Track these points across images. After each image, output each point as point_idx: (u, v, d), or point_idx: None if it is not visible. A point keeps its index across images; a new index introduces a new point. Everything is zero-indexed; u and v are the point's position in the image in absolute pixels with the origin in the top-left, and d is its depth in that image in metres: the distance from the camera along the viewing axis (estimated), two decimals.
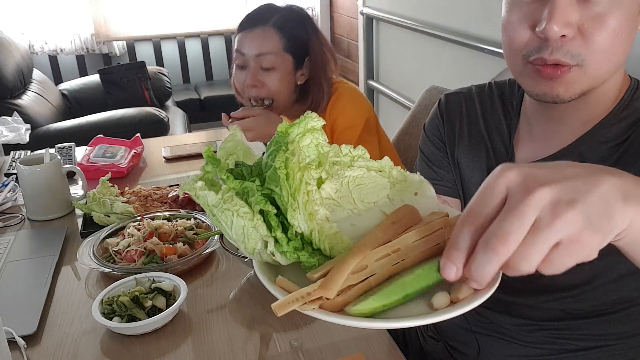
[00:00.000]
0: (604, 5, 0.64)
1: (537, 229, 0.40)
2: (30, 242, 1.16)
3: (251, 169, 0.59)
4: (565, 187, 0.40)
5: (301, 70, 1.41)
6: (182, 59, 4.39)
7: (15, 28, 3.69)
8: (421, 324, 0.48)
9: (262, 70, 1.36)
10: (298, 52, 1.39)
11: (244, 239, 0.54)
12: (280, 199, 0.54)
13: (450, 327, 0.96)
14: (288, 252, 0.53)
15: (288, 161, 0.53)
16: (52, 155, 1.28)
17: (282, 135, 0.57)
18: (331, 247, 0.55)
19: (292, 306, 0.48)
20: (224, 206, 0.53)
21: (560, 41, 0.65)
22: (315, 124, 0.57)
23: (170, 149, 1.72)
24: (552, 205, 0.40)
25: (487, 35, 2.13)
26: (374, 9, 3.12)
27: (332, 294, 0.48)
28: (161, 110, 3.08)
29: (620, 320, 0.78)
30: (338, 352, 0.80)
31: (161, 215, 1.14)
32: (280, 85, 1.38)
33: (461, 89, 0.96)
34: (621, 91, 0.76)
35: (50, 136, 2.74)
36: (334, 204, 0.60)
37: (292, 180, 0.54)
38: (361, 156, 0.61)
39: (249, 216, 0.53)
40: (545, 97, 0.70)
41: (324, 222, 0.55)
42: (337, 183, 0.59)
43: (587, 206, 0.40)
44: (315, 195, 0.55)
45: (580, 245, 0.40)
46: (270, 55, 1.35)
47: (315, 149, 0.58)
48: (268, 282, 0.53)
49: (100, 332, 0.86)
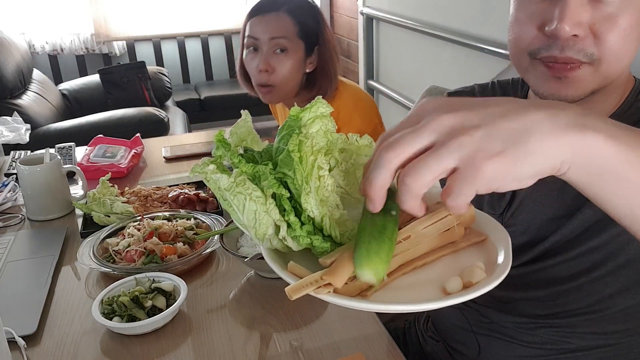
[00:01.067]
0: (616, 5, 0.64)
1: (432, 149, 0.40)
2: (30, 242, 1.16)
3: (261, 154, 0.58)
4: (475, 114, 0.40)
5: (310, 58, 1.43)
6: (182, 59, 4.39)
7: (15, 28, 3.69)
8: (435, 308, 0.48)
9: (275, 54, 1.37)
10: (309, 39, 1.41)
11: (255, 223, 0.53)
12: (293, 182, 0.53)
13: (450, 327, 0.96)
14: (301, 237, 0.53)
15: (302, 144, 0.52)
16: (52, 155, 1.28)
17: (294, 119, 0.56)
18: (342, 234, 0.55)
19: (306, 290, 0.47)
20: (237, 189, 0.53)
21: (572, 40, 0.65)
22: (325, 111, 0.57)
23: (170, 149, 1.72)
24: (452, 129, 0.40)
25: (487, 35, 2.13)
26: (374, 9, 3.12)
27: (339, 283, 0.48)
28: (161, 110, 3.08)
29: (620, 318, 0.78)
30: (338, 352, 0.80)
31: (161, 215, 1.14)
32: (290, 70, 1.38)
33: (464, 88, 0.96)
34: (625, 91, 0.76)
35: (50, 136, 2.74)
36: (342, 192, 0.60)
37: (306, 164, 0.53)
38: (368, 145, 0.61)
39: (261, 200, 0.53)
40: (553, 97, 0.70)
41: (334, 208, 0.55)
42: (345, 171, 0.59)
43: (491, 131, 0.39)
44: (328, 181, 0.54)
45: (476, 170, 0.39)
46: (283, 39, 1.36)
47: (324, 135, 0.57)
48: (279, 268, 0.52)
49: (100, 332, 0.86)
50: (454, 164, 0.39)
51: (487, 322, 0.88)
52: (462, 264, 0.54)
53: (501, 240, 0.56)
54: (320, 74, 1.43)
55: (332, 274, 0.48)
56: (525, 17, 0.70)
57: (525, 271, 0.81)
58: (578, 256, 0.76)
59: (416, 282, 0.52)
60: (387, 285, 0.52)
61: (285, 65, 1.37)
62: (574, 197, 0.75)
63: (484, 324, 0.89)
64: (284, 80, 1.39)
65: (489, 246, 0.57)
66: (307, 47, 1.41)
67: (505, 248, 0.54)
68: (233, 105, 3.92)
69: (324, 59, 1.43)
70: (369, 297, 0.49)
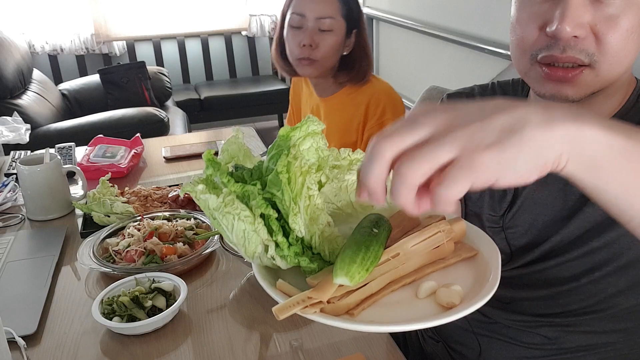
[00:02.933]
0: (617, 6, 0.64)
1: (428, 141, 0.40)
2: (30, 242, 1.16)
3: (251, 172, 0.59)
4: (470, 112, 0.41)
5: (348, 40, 1.49)
6: (182, 59, 4.39)
7: (15, 28, 3.69)
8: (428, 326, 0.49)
9: (320, 32, 1.44)
10: (351, 21, 1.48)
11: (245, 242, 0.54)
12: (281, 203, 0.54)
13: (450, 327, 0.96)
14: (289, 257, 0.53)
15: (290, 165, 0.53)
16: (52, 155, 1.28)
17: (283, 139, 0.56)
18: (331, 252, 0.55)
19: (293, 310, 0.48)
20: (225, 209, 0.53)
21: (573, 40, 0.65)
22: (316, 128, 0.57)
23: (170, 149, 1.72)
24: (448, 123, 0.40)
25: (487, 35, 2.13)
26: (374, 9, 3.12)
27: (325, 297, 0.48)
28: (161, 110, 3.08)
29: (621, 317, 0.78)
30: (338, 352, 0.80)
31: (161, 215, 1.14)
32: (332, 48, 1.46)
33: (463, 89, 0.95)
34: (627, 92, 0.76)
35: (50, 136, 2.74)
36: (334, 209, 0.60)
37: (294, 185, 0.53)
38: (359, 160, 0.61)
39: (249, 220, 0.53)
40: (553, 98, 0.70)
41: (325, 226, 0.55)
42: (336, 187, 0.60)
43: (485, 125, 0.39)
44: (317, 200, 0.55)
45: (471, 162, 0.38)
46: (329, 19, 1.43)
47: (315, 152, 0.58)
48: (268, 285, 0.53)
49: (100, 332, 0.86)
50: (451, 155, 0.39)
51: (488, 323, 0.88)
52: (451, 280, 0.54)
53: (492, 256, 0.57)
54: (358, 56, 1.50)
55: (318, 290, 0.49)
56: (526, 18, 0.70)
57: (527, 271, 0.81)
58: (579, 257, 0.76)
59: (404, 299, 0.53)
60: (375, 302, 0.52)
61: (328, 42, 1.45)
62: (575, 198, 0.75)
63: (485, 324, 0.89)
64: (325, 56, 1.46)
65: (479, 261, 0.57)
66: (348, 29, 1.47)
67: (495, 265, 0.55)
68: (233, 105, 3.92)
69: (361, 43, 1.50)
70: (356, 315, 0.50)
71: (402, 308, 0.51)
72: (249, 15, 4.37)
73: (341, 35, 1.46)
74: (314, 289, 0.50)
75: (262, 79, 4.45)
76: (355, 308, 0.50)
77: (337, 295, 0.50)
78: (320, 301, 0.49)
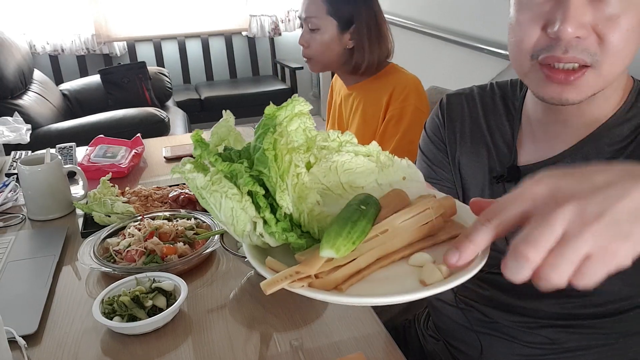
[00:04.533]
0: (617, 6, 0.64)
1: (565, 240, 0.41)
2: (31, 242, 1.16)
3: (240, 153, 0.59)
4: (593, 199, 0.41)
5: (346, 35, 1.52)
6: (183, 59, 4.39)
7: (16, 28, 3.69)
8: (412, 299, 0.49)
9: (309, 31, 1.53)
10: (343, 17, 1.51)
11: (233, 220, 0.54)
12: (268, 180, 0.54)
13: (451, 326, 0.96)
14: (277, 233, 0.53)
15: (276, 142, 0.54)
16: (52, 156, 1.28)
17: (269, 117, 0.57)
18: (320, 230, 0.55)
19: (281, 284, 0.48)
20: (212, 188, 0.54)
21: (575, 40, 0.65)
22: (302, 108, 0.57)
23: (170, 149, 1.72)
24: (580, 218, 0.41)
25: (487, 35, 2.13)
26: None
27: (312, 271, 0.48)
28: (161, 111, 3.08)
29: (622, 317, 0.78)
30: (338, 352, 0.80)
31: (161, 215, 1.14)
32: (321, 45, 1.52)
33: (462, 89, 0.95)
34: (625, 92, 0.76)
35: (51, 136, 2.75)
36: (323, 189, 0.60)
37: (281, 162, 0.54)
38: (349, 141, 0.61)
39: (237, 197, 0.53)
40: (553, 101, 0.70)
41: (314, 205, 0.55)
42: (325, 168, 0.60)
43: (615, 215, 0.40)
44: (305, 178, 0.55)
45: (610, 255, 0.41)
46: (314, 19, 1.51)
47: (303, 133, 0.58)
48: (258, 263, 0.53)
49: (101, 331, 0.86)
50: (588, 251, 0.41)
51: (488, 322, 0.88)
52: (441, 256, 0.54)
53: None
54: (362, 50, 1.53)
55: (305, 265, 0.49)
56: (527, 19, 0.69)
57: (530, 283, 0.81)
58: None
59: (393, 274, 0.53)
60: (364, 277, 0.52)
61: (317, 40, 1.52)
62: None
63: (486, 323, 0.89)
64: (317, 54, 1.53)
65: None
66: (342, 25, 1.50)
67: None
68: (233, 105, 3.90)
69: (359, 37, 1.52)
70: (344, 291, 0.50)
71: (390, 284, 0.51)
72: (249, 16, 4.37)
73: (330, 33, 1.50)
74: (302, 263, 0.49)
75: (262, 79, 4.46)
76: (343, 283, 0.50)
77: (325, 271, 0.50)
78: (308, 275, 0.48)
